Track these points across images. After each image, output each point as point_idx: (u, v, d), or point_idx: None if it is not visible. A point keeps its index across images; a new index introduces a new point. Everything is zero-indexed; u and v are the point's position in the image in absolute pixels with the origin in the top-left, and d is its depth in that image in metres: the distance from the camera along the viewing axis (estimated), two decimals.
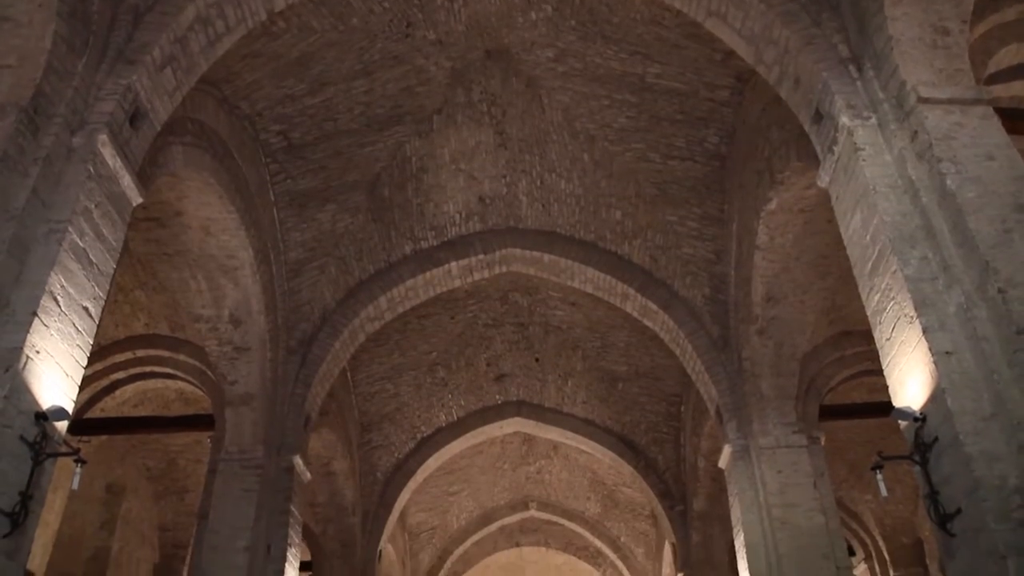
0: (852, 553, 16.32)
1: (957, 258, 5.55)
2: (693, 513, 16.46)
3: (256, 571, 10.33)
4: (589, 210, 12.51)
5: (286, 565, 10.75)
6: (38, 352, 5.45)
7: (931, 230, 5.77)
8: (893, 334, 5.91)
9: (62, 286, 5.74)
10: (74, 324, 5.89)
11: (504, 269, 13.42)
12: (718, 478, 13.67)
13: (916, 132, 6.15)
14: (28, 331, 5.36)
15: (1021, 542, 4.70)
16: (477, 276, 13.43)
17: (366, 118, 10.99)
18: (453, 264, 12.95)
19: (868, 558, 18.53)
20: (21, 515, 5.17)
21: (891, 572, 18.05)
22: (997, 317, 5.16)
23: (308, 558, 16.35)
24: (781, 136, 8.79)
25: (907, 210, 5.97)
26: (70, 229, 5.84)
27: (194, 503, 14.65)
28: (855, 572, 12.62)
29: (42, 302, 5.50)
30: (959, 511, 5.12)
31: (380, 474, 17.34)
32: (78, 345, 5.95)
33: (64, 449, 5.82)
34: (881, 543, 18.22)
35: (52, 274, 5.62)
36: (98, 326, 6.31)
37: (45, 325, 5.54)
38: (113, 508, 15.62)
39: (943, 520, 5.27)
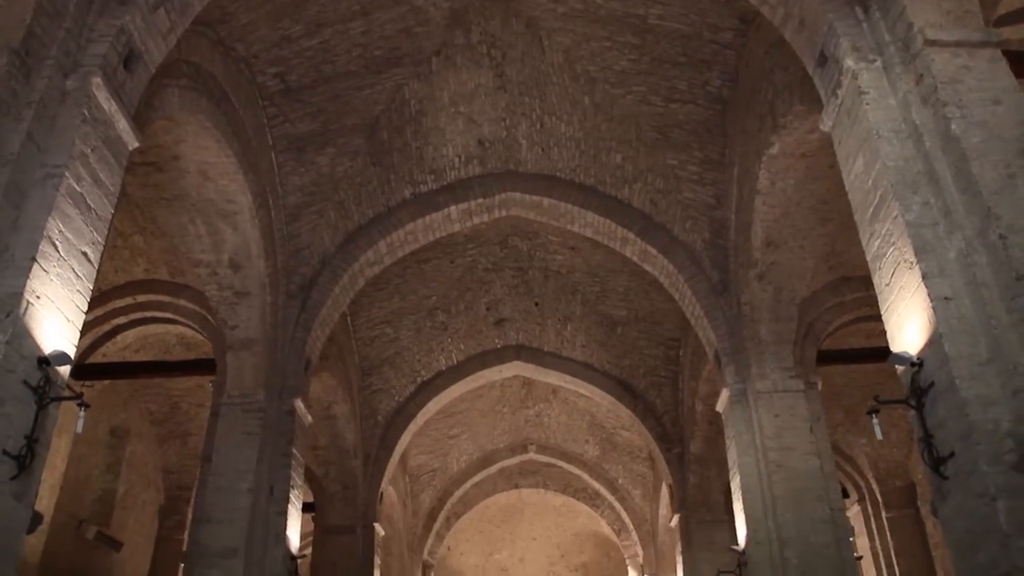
0: (846, 495, 16.58)
1: (959, 204, 5.52)
2: (690, 456, 16.69)
3: (259, 512, 10.51)
4: (589, 154, 12.41)
5: (289, 506, 10.94)
6: (38, 297, 5.46)
7: (934, 175, 5.73)
8: (892, 280, 5.92)
9: (60, 231, 5.72)
10: (73, 269, 5.89)
11: (504, 213, 13.37)
12: (715, 421, 13.82)
13: (922, 75, 6.06)
14: (28, 276, 5.36)
15: (1011, 484, 4.77)
16: (477, 220, 13.39)
17: (364, 60, 10.83)
18: (452, 208, 12.90)
19: (861, 500, 18.85)
20: (27, 458, 5.24)
21: (883, 514, 18.38)
22: (997, 263, 5.15)
23: (310, 499, 16.63)
24: (785, 79, 8.68)
25: (910, 155, 5.92)
26: (67, 174, 5.79)
27: (197, 446, 14.87)
28: (848, 514, 12.82)
29: (41, 247, 5.49)
30: (952, 454, 5.19)
31: (381, 417, 17.53)
32: (78, 290, 5.96)
33: (67, 393, 5.87)
34: (874, 485, 18.52)
35: (50, 219, 5.60)
36: (97, 271, 6.31)
37: (44, 270, 5.53)
38: (118, 451, 15.84)
39: (936, 463, 5.35)
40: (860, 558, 14.25)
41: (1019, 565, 4.57)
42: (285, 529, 10.76)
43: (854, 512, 18.45)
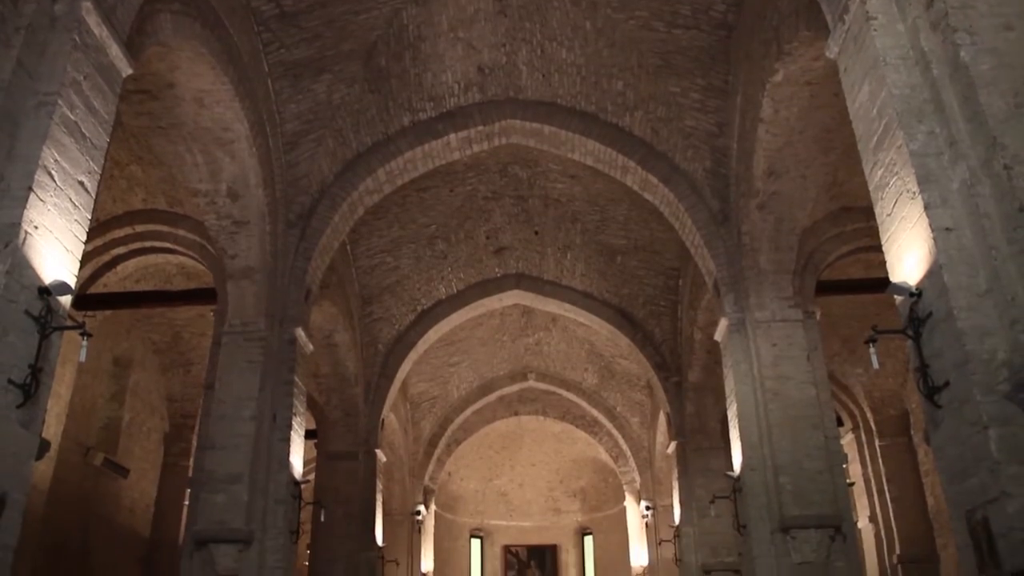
0: (840, 424, 16.84)
1: (964, 133, 5.44)
2: (688, 384, 16.90)
3: (263, 439, 10.69)
4: (590, 80, 12.21)
5: (292, 433, 11.11)
6: (36, 227, 5.44)
7: (940, 104, 5.64)
8: (894, 210, 5.88)
9: (56, 160, 5.67)
10: (71, 199, 5.86)
11: (503, 141, 13.23)
12: (713, 351, 13.94)
13: (932, 0, 5.91)
14: (25, 206, 5.33)
15: (1004, 413, 4.83)
16: (476, 148, 13.26)
17: None
18: (452, 136, 12.75)
19: (855, 428, 19.17)
20: (32, 387, 5.31)
21: (876, 441, 18.73)
22: (1000, 193, 5.11)
23: (313, 426, 16.89)
24: (790, 4, 8.47)
25: (917, 83, 5.81)
26: (59, 102, 5.71)
27: (200, 375, 15.03)
28: (842, 441, 13.05)
29: (36, 177, 5.45)
30: (947, 384, 5.24)
31: (381, 346, 17.68)
32: (76, 220, 5.94)
33: (69, 323, 5.90)
34: (869, 414, 18.81)
35: (44, 148, 5.54)
36: (95, 201, 6.27)
37: (41, 200, 5.50)
38: (122, 380, 16.03)
39: (931, 392, 5.40)
40: (852, 484, 14.54)
41: (1007, 491, 4.66)
42: (288, 455, 10.95)
43: (848, 440, 18.80)
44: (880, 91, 5.96)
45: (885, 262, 6.08)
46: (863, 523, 18.45)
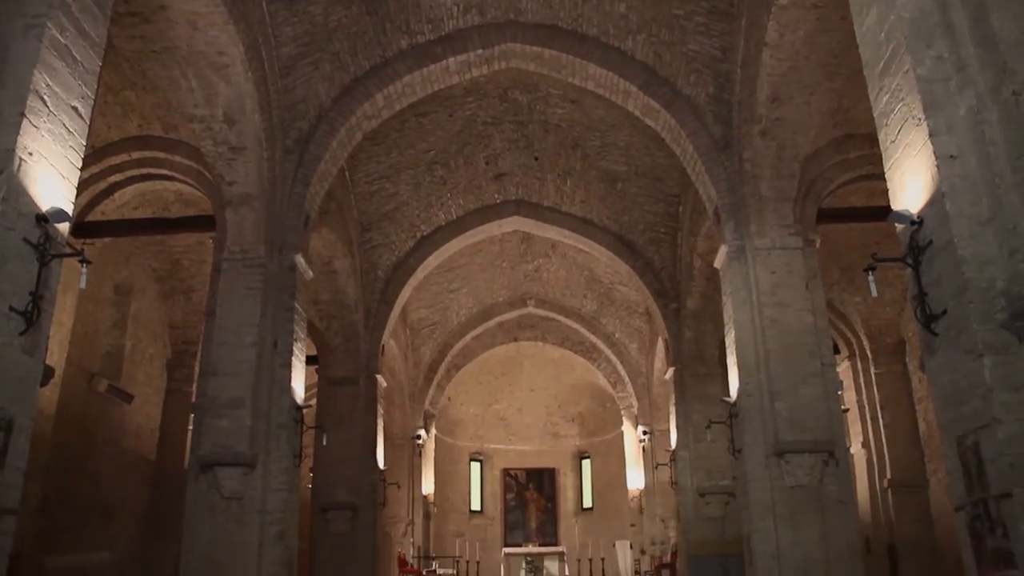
0: (837, 351, 16.99)
1: (974, 58, 5.34)
2: (686, 311, 16.99)
3: (264, 365, 10.80)
4: (592, 2, 11.92)
5: (293, 359, 11.21)
6: (31, 154, 5.39)
7: (950, 27, 5.52)
8: (899, 136, 5.81)
9: (47, 85, 5.58)
10: (64, 124, 5.78)
11: (503, 65, 13.00)
12: (712, 277, 13.97)
13: None
14: (18, 132, 5.26)
15: (999, 342, 4.86)
16: (476, 72, 13.03)
17: None
18: (451, 59, 12.51)
19: (851, 356, 19.35)
20: (34, 314, 5.33)
21: (872, 369, 18.93)
22: (1007, 120, 5.04)
23: (314, 352, 17.05)
24: None
25: (926, 5, 5.67)
26: (48, 24, 5.57)
27: (201, 302, 15.09)
28: (838, 369, 13.19)
29: (29, 102, 5.36)
30: (945, 312, 5.26)
31: (381, 272, 17.71)
32: (71, 146, 5.87)
33: (68, 251, 5.89)
34: (865, 342, 18.98)
35: (36, 72, 5.44)
36: (90, 128, 6.19)
37: (35, 126, 5.43)
38: (123, 308, 16.09)
39: (928, 320, 5.43)
40: (847, 410, 14.77)
41: (999, 417, 4.73)
42: (290, 381, 11.08)
43: (844, 367, 19.00)
44: (888, 14, 5.82)
45: (887, 190, 6.03)
46: (856, 448, 18.79)
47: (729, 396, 11.55)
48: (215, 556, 10.01)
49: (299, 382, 11.46)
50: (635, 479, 23.90)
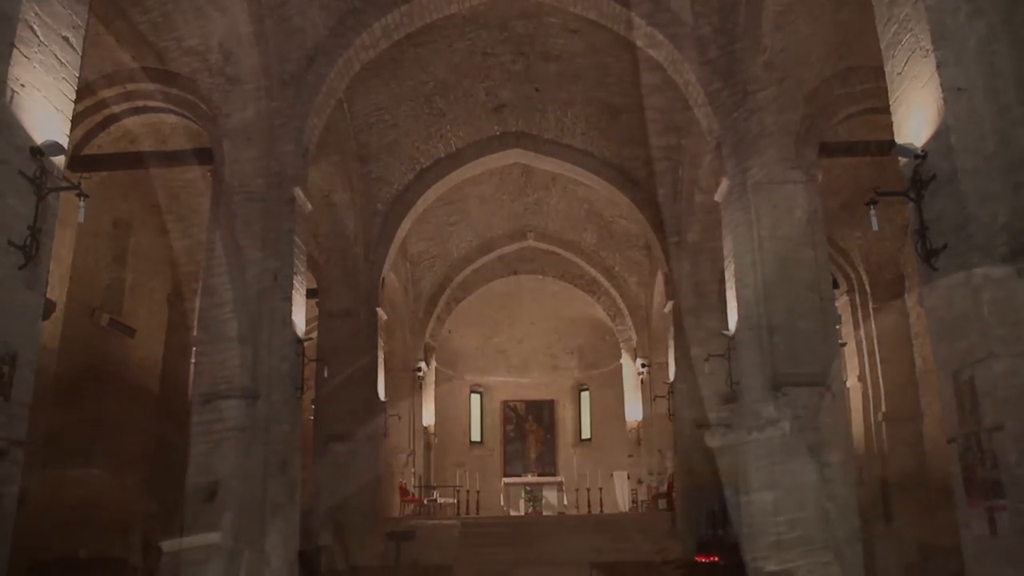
0: (836, 286, 17.01)
1: None
2: (687, 245, 16.94)
3: (265, 298, 10.83)
4: None
5: (293, 292, 11.23)
6: (23, 86, 5.30)
7: None
8: (905, 68, 5.72)
9: (36, 14, 5.45)
10: (56, 55, 5.67)
11: None
12: (713, 211, 13.88)
13: None
14: (9, 63, 5.17)
15: (998, 276, 4.88)
16: (474, 0, 12.74)
17: None
18: None
19: (850, 291, 19.38)
20: (32, 248, 5.32)
21: (871, 304, 18.99)
22: (1018, 51, 4.96)
23: (314, 286, 17.08)
24: None
25: None
26: None
27: (200, 235, 15.01)
28: (836, 303, 13.23)
29: (18, 32, 5.25)
30: (945, 246, 5.26)
31: (380, 205, 17.64)
32: (64, 78, 5.77)
33: (65, 184, 5.85)
34: (864, 277, 18.98)
35: (24, 1, 5.31)
36: (82, 59, 6.08)
37: (26, 57, 5.33)
38: (122, 242, 16.04)
39: (928, 255, 5.43)
40: (844, 344, 14.87)
41: (995, 351, 4.78)
42: (290, 313, 11.12)
43: (842, 302, 19.03)
44: None
45: (891, 125, 5.97)
46: (852, 382, 18.96)
47: (728, 330, 11.61)
48: (219, 487, 10.18)
49: (300, 315, 11.51)
50: (633, 411, 24.21)
